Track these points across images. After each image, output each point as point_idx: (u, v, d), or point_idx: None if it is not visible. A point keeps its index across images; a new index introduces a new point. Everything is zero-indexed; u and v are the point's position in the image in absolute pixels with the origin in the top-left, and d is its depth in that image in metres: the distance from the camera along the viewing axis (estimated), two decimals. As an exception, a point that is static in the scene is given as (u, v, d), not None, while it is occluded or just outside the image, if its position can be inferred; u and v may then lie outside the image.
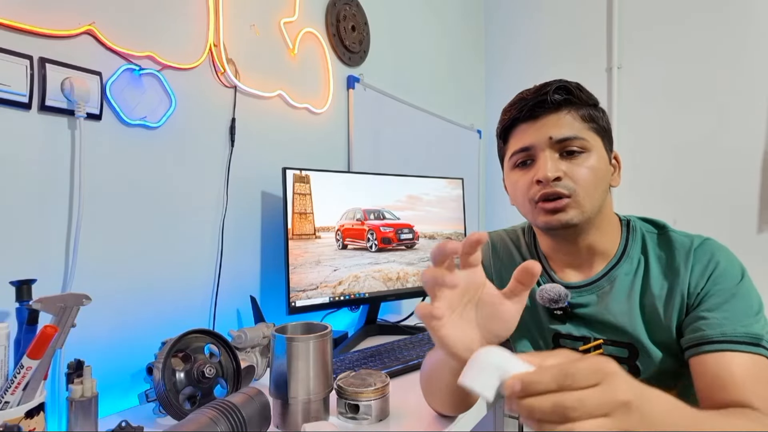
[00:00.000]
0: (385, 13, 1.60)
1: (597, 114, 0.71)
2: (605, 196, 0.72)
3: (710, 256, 0.67)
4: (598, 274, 0.74)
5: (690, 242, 0.69)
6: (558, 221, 0.69)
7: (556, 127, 0.69)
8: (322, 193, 1.13)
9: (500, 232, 0.89)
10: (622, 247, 0.74)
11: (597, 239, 0.73)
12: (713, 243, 0.69)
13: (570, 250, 0.75)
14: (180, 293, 0.96)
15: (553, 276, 0.78)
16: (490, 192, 2.29)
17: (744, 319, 0.62)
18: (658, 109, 1.90)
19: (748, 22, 1.73)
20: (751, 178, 1.72)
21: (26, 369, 0.58)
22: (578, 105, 0.70)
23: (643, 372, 0.69)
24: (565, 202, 0.68)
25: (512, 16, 2.28)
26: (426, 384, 0.73)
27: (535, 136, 0.70)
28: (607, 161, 0.72)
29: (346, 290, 1.16)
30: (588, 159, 0.69)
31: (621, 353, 0.70)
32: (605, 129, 0.72)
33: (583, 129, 0.69)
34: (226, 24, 1.05)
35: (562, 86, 0.70)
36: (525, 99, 0.71)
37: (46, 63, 0.75)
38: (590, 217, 0.69)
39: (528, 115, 0.71)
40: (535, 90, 0.71)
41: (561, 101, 0.69)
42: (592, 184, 0.68)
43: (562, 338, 0.76)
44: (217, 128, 1.04)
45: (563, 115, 0.69)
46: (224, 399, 0.64)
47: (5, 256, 0.72)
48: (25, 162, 0.74)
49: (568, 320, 0.75)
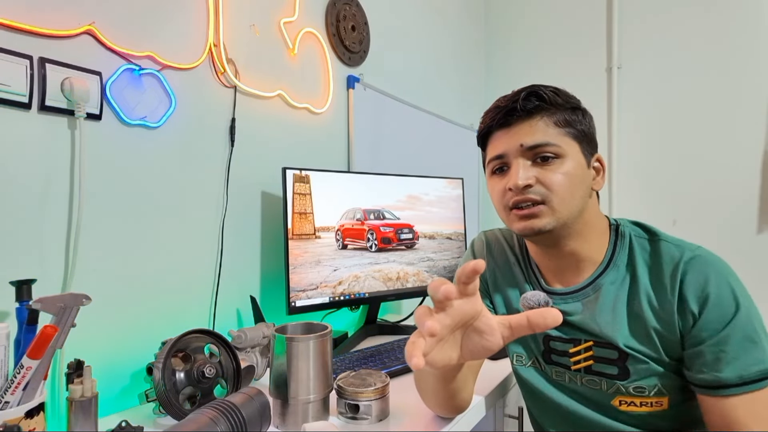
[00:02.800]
0: (385, 13, 1.60)
1: (575, 118, 0.70)
2: (584, 201, 0.70)
3: (704, 277, 0.64)
4: (584, 282, 0.73)
5: (680, 254, 0.66)
6: (531, 228, 0.68)
7: (528, 134, 0.68)
8: (322, 193, 1.13)
9: (496, 231, 0.89)
10: (609, 255, 0.73)
11: (580, 245, 0.72)
12: (704, 257, 0.66)
13: (554, 256, 0.75)
14: (180, 293, 0.96)
15: (541, 282, 0.78)
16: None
17: (753, 351, 0.61)
18: (658, 109, 1.90)
19: (748, 23, 1.73)
20: (751, 178, 1.72)
21: (26, 369, 0.58)
22: (552, 110, 0.69)
23: (633, 374, 0.68)
24: (538, 209, 0.68)
25: (512, 16, 2.28)
26: (418, 386, 0.76)
27: (508, 144, 0.70)
28: (584, 166, 0.70)
29: (346, 290, 1.16)
30: (562, 165, 0.68)
31: (611, 355, 0.70)
32: (584, 132, 0.71)
33: (557, 135, 0.68)
34: (226, 24, 1.05)
35: (534, 92, 0.69)
36: (499, 107, 0.72)
37: (46, 63, 0.75)
38: (567, 223, 0.69)
39: (501, 122, 0.71)
40: (509, 97, 0.71)
41: (532, 108, 0.69)
42: (567, 189, 0.67)
43: (552, 340, 0.76)
44: (217, 128, 1.04)
45: (535, 121, 0.69)
46: (224, 399, 0.64)
47: (5, 256, 0.72)
48: (25, 162, 0.74)
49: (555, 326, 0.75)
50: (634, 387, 0.68)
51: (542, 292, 0.76)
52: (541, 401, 0.79)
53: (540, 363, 0.78)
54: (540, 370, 0.79)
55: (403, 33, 1.72)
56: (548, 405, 0.78)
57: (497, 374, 0.95)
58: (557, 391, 0.77)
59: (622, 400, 0.70)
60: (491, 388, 0.88)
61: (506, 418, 1.03)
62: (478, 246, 0.88)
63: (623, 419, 0.71)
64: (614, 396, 0.70)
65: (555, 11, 2.14)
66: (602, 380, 0.71)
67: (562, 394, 0.76)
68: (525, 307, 0.75)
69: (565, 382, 0.76)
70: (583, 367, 0.72)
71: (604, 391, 0.71)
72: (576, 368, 0.73)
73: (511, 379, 0.98)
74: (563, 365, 0.75)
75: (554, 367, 0.76)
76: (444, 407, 0.74)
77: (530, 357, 0.79)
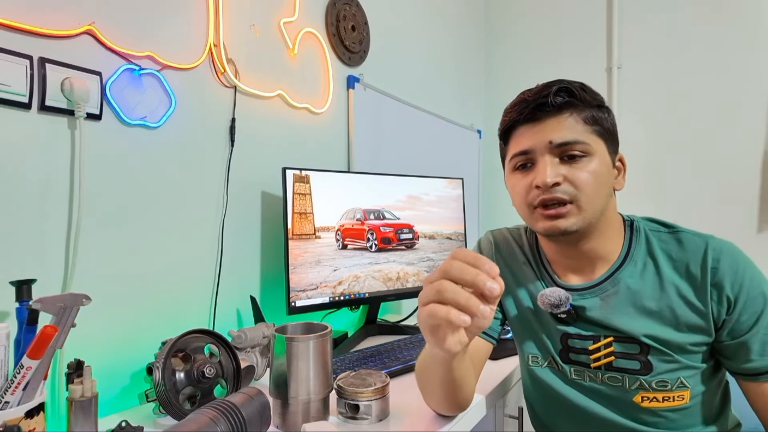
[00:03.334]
0: (385, 13, 1.60)
1: (601, 115, 0.69)
2: (608, 200, 0.70)
3: (735, 264, 0.66)
4: (601, 277, 0.72)
5: (705, 244, 0.68)
6: (557, 228, 0.67)
7: (556, 130, 0.67)
8: (322, 193, 1.13)
9: (503, 231, 0.88)
10: (626, 250, 0.72)
11: (599, 243, 0.72)
12: (727, 245, 0.68)
13: (571, 254, 0.74)
14: (180, 293, 0.96)
15: (555, 278, 0.77)
16: (489, 192, 2.29)
17: None
18: (658, 109, 1.90)
19: (748, 23, 1.73)
20: (751, 177, 1.72)
21: (26, 369, 0.58)
22: (581, 107, 0.68)
23: (656, 368, 0.68)
24: (566, 209, 0.67)
25: (512, 16, 2.28)
26: (421, 381, 0.74)
27: (535, 140, 0.68)
28: (609, 165, 0.70)
29: (346, 290, 1.16)
30: (590, 163, 0.67)
31: (633, 349, 0.69)
32: (609, 131, 0.70)
33: (585, 132, 0.67)
34: (226, 24, 1.05)
35: (564, 88, 0.67)
36: (526, 100, 0.69)
37: (46, 63, 0.75)
38: (592, 222, 0.68)
39: (528, 117, 0.69)
40: (537, 91, 0.69)
41: (562, 103, 0.67)
42: (594, 189, 0.67)
43: (570, 338, 0.74)
44: (217, 128, 1.04)
45: (564, 117, 0.67)
46: (224, 399, 0.64)
47: (5, 256, 0.72)
48: (25, 162, 0.74)
49: (574, 323, 0.74)
50: (656, 381, 0.68)
51: (559, 288, 0.74)
52: (556, 402, 0.77)
53: (557, 363, 0.76)
54: (557, 370, 0.77)
55: (403, 33, 1.72)
56: (563, 406, 0.76)
57: (497, 374, 0.95)
58: (575, 391, 0.75)
59: (645, 396, 0.69)
60: (491, 388, 0.88)
61: (506, 418, 1.03)
62: (485, 246, 0.87)
63: (643, 419, 0.70)
64: (637, 392, 0.69)
65: (555, 11, 2.15)
66: (624, 376, 0.70)
67: (580, 394, 0.75)
68: (544, 304, 0.73)
69: (584, 381, 0.74)
70: (603, 364, 0.71)
71: (626, 387, 0.70)
72: (596, 365, 0.72)
73: (511, 379, 0.98)
74: (582, 363, 0.74)
75: (572, 366, 0.75)
76: (448, 402, 0.71)
77: (546, 357, 0.78)
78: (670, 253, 0.70)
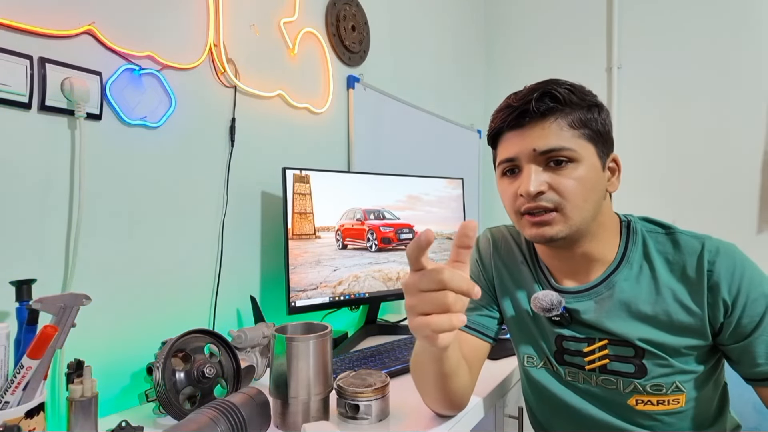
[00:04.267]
0: (385, 13, 1.60)
1: (590, 117, 0.67)
2: (598, 205, 0.68)
3: (732, 265, 0.64)
4: (596, 280, 0.72)
5: (701, 245, 0.67)
6: (543, 236, 0.67)
7: (541, 137, 0.65)
8: (322, 193, 1.13)
9: (502, 228, 0.87)
10: (622, 252, 0.72)
11: (593, 247, 0.71)
12: (725, 246, 0.66)
13: (565, 257, 0.74)
14: (180, 293, 0.96)
15: (551, 281, 0.77)
16: (489, 192, 2.29)
17: None
18: (658, 109, 1.90)
19: (748, 22, 1.73)
20: (751, 178, 1.72)
21: (26, 369, 0.58)
22: (567, 111, 0.66)
23: (651, 371, 0.67)
24: (551, 217, 0.66)
25: (513, 16, 2.28)
26: (416, 378, 0.73)
27: (520, 147, 0.67)
28: (599, 168, 0.68)
29: (346, 290, 1.16)
30: (575, 170, 0.65)
31: (627, 352, 0.69)
32: (599, 133, 0.68)
33: (572, 137, 0.65)
34: (226, 24, 1.05)
35: (549, 92, 0.65)
36: (511, 106, 0.68)
37: (46, 63, 0.75)
38: (580, 228, 0.67)
39: (513, 124, 0.68)
40: (521, 96, 0.68)
41: (546, 110, 0.65)
42: (580, 195, 0.65)
43: (565, 340, 0.74)
44: (217, 128, 1.04)
45: (549, 123, 0.66)
46: (224, 399, 0.64)
47: (5, 256, 0.72)
48: (25, 162, 0.74)
49: (568, 325, 0.74)
50: (651, 385, 0.67)
51: (553, 291, 0.74)
52: (552, 403, 0.77)
53: (552, 364, 0.76)
54: (552, 371, 0.77)
55: (403, 33, 1.72)
56: (559, 407, 0.76)
57: (497, 374, 0.95)
58: (570, 392, 0.75)
59: (639, 399, 0.69)
60: (491, 388, 0.88)
61: (506, 418, 1.03)
62: (483, 243, 0.87)
63: (637, 422, 0.70)
64: (631, 395, 0.69)
65: (555, 11, 2.15)
66: (618, 379, 0.70)
67: (575, 395, 0.75)
68: (537, 308, 0.73)
69: (578, 383, 0.74)
70: (598, 366, 0.71)
71: (621, 390, 0.70)
72: (590, 368, 0.72)
73: (511, 379, 0.98)
74: (577, 365, 0.73)
75: (567, 367, 0.75)
76: (443, 398, 0.71)
77: (541, 358, 0.78)
78: (666, 255, 0.69)
